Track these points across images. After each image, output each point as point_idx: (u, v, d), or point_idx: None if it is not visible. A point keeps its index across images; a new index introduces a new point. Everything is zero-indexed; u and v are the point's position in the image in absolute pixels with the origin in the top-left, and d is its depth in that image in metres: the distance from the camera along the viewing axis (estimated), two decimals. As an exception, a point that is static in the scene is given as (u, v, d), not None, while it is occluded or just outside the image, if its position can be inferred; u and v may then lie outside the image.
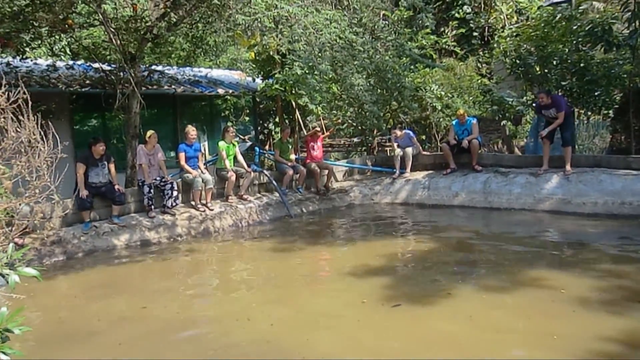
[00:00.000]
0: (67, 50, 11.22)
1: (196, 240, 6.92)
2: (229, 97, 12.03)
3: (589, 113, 9.58)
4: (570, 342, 3.35)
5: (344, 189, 9.39)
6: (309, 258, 5.91)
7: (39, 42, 8.67)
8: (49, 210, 6.20)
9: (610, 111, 9.29)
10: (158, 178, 7.36)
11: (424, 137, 11.62)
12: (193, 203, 7.57)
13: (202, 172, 7.72)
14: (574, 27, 8.72)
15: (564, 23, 8.86)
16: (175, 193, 7.31)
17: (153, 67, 9.24)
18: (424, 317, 3.91)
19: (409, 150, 9.45)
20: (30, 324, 3.81)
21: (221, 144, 8.17)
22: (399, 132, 9.62)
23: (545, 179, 7.91)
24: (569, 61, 8.91)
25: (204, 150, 11.01)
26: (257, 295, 4.81)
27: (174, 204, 7.31)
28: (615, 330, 3.46)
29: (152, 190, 7.12)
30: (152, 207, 7.13)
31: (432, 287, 4.53)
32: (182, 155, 7.67)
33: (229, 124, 11.17)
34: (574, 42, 8.83)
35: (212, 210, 7.53)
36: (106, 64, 9.13)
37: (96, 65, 9.06)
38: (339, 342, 3.56)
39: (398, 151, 9.50)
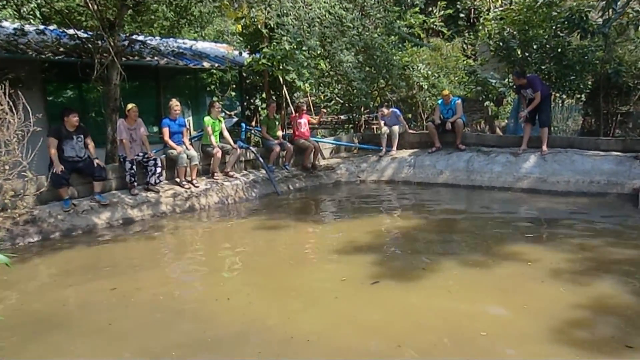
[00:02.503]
0: (37, 13, 10.44)
1: (181, 217, 6.88)
2: (214, 71, 11.82)
3: (564, 96, 9.89)
4: (541, 311, 3.52)
5: (331, 166, 9.42)
6: (295, 236, 5.96)
7: (4, 1, 8.09)
8: (21, 188, 5.86)
9: (583, 95, 9.56)
10: (141, 154, 7.20)
11: (410, 115, 11.67)
12: (178, 180, 7.50)
13: (186, 148, 7.62)
14: (554, 14, 8.95)
15: (544, 9, 9.06)
16: (159, 169, 7.17)
17: (134, 36, 8.91)
18: (402, 292, 3.99)
19: (396, 128, 9.52)
20: (2, 312, 3.73)
21: (207, 119, 8.08)
22: (385, 111, 9.65)
23: (524, 159, 8.17)
24: (548, 46, 9.18)
25: (189, 125, 10.87)
26: (240, 273, 4.83)
27: (157, 180, 7.18)
28: (583, 298, 3.67)
29: (134, 167, 6.96)
30: (135, 184, 6.98)
31: (413, 263, 4.64)
32: (165, 131, 7.55)
33: (215, 99, 10.99)
34: (553, 27, 9.08)
35: (197, 187, 7.49)
36: (82, 30, 8.62)
37: (71, 31, 8.55)
38: (319, 319, 3.60)
39: (385, 129, 9.57)
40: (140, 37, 9.58)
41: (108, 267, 4.93)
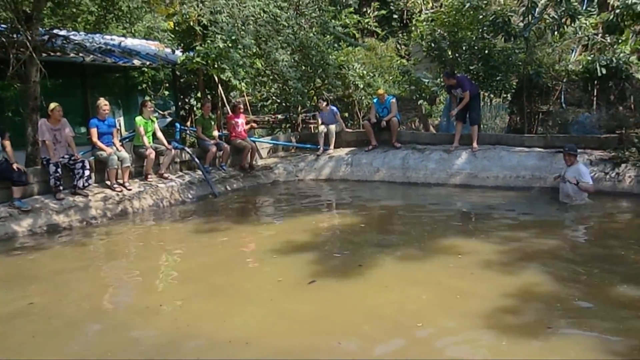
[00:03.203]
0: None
1: (113, 222, 6.56)
2: (146, 69, 11.38)
3: (492, 96, 10.43)
4: (472, 300, 3.69)
5: (269, 166, 9.36)
6: (232, 238, 5.84)
7: None
8: None
9: (509, 95, 10.14)
10: (66, 156, 6.80)
11: (346, 114, 11.83)
12: (108, 183, 7.15)
13: (117, 149, 7.29)
14: (480, 17, 9.42)
15: (471, 12, 9.51)
16: (87, 172, 6.80)
17: (55, 31, 8.38)
18: (339, 290, 4.01)
19: (333, 127, 9.62)
20: None
21: (138, 119, 7.77)
22: (323, 104, 9.73)
23: (456, 156, 8.52)
24: (476, 47, 9.66)
25: (119, 126, 10.40)
26: (173, 279, 4.67)
27: (86, 184, 6.81)
28: (510, 286, 3.87)
29: (59, 170, 6.55)
30: (61, 188, 6.56)
31: (350, 260, 4.69)
32: (93, 131, 7.18)
33: (147, 98, 10.60)
34: (480, 30, 9.57)
35: (130, 190, 7.18)
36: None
37: (-20, 23, 7.90)
38: (256, 321, 3.55)
39: (322, 128, 9.64)
40: (63, 32, 9.03)
41: (30, 277, 4.60)
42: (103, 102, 7.33)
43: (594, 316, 3.41)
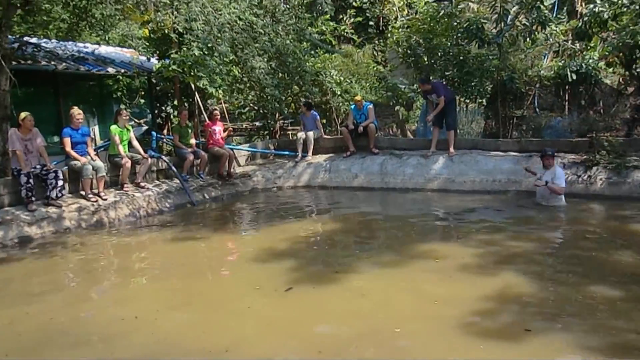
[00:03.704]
0: None
1: (88, 233, 6.41)
2: (121, 77, 11.21)
3: (467, 101, 10.62)
4: (450, 305, 3.71)
5: (247, 173, 9.30)
6: (210, 246, 5.78)
7: None
8: None
9: (484, 100, 10.32)
10: (38, 166, 6.64)
11: (324, 121, 11.86)
12: (83, 193, 7.00)
13: (91, 158, 7.15)
14: (454, 24, 9.58)
15: (446, 19, 9.68)
16: (60, 182, 6.64)
17: (26, 38, 8.19)
18: (316, 297, 4.00)
19: (311, 134, 9.63)
20: None
21: (113, 128, 7.65)
22: (304, 108, 9.82)
23: (433, 160, 8.60)
24: (451, 54, 9.82)
25: (94, 134, 10.21)
26: (150, 290, 4.58)
27: (59, 194, 6.65)
28: (488, 289, 3.92)
29: (31, 180, 6.39)
30: (33, 199, 6.39)
31: (328, 267, 4.68)
32: (67, 141, 7.03)
33: (122, 106, 10.44)
34: (455, 37, 9.73)
35: (105, 199, 7.04)
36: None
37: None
38: (234, 330, 3.51)
39: (300, 135, 9.66)
40: (34, 40, 8.84)
41: (0, 291, 4.46)
42: (76, 111, 7.20)
43: (570, 316, 3.48)
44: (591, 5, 8.48)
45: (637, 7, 8.07)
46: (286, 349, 3.20)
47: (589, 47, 9.66)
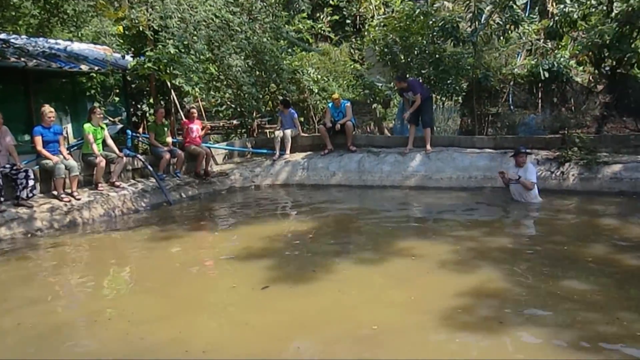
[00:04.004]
0: None
1: (61, 234, 6.27)
2: (94, 75, 10.98)
3: (444, 99, 10.74)
4: (427, 301, 3.76)
5: (225, 172, 9.23)
6: (187, 246, 5.71)
7: None
8: None
9: (460, 98, 10.46)
10: (8, 165, 6.48)
11: (302, 119, 11.86)
12: (55, 193, 6.85)
13: (64, 157, 7.00)
14: (430, 22, 9.69)
15: (422, 18, 9.78)
16: (31, 182, 6.48)
17: (-6, 34, 7.98)
18: (293, 295, 3.99)
19: (289, 132, 9.62)
20: None
21: (87, 126, 7.50)
22: (281, 106, 9.82)
23: (410, 158, 8.69)
24: (427, 52, 9.94)
25: (67, 133, 9.98)
26: (124, 290, 4.51)
27: (30, 194, 6.49)
28: (465, 285, 3.96)
29: (0, 180, 6.25)
30: (2, 199, 6.23)
31: (305, 265, 4.68)
32: (37, 139, 6.87)
33: (96, 104, 10.22)
34: (430, 35, 9.84)
35: (78, 199, 6.90)
36: None
37: None
38: (212, 330, 3.49)
39: (278, 133, 9.63)
40: (3, 36, 8.59)
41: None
42: (48, 109, 7.03)
43: (543, 310, 3.55)
44: (561, 6, 8.70)
45: (605, 8, 8.30)
46: (264, 347, 3.19)
47: (560, 46, 9.90)
